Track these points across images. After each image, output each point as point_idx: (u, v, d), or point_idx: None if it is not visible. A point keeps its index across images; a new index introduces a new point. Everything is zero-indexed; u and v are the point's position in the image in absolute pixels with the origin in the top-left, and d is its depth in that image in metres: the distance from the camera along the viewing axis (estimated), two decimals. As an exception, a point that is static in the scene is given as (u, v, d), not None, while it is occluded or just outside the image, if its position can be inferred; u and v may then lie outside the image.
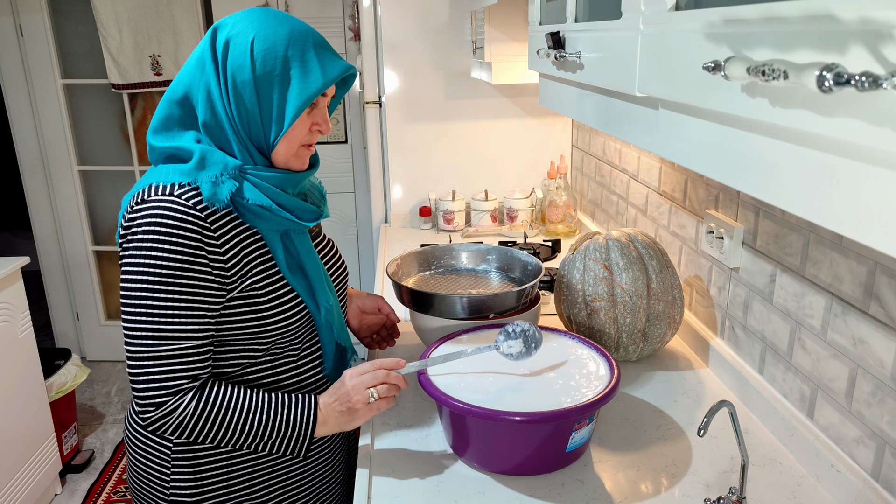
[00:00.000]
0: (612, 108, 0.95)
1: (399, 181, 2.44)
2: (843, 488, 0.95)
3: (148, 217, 0.94)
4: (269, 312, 1.02)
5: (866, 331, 0.92)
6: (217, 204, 0.95)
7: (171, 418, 0.95)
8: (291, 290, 1.04)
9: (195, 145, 0.98)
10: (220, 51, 0.96)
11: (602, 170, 2.06)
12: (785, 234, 1.11)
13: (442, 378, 1.07)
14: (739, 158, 0.60)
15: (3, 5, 3.05)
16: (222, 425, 0.97)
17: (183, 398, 0.95)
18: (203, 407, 0.96)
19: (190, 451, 1.04)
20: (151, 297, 0.93)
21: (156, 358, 0.94)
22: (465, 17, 2.29)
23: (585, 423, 1.01)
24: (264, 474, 1.08)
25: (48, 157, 3.26)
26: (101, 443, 2.84)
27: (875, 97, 0.40)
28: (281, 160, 1.02)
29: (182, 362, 0.95)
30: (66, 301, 3.49)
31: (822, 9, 0.44)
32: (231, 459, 1.06)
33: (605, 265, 1.30)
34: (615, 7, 0.86)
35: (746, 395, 1.21)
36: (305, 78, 0.96)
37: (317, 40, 0.99)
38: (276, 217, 1.00)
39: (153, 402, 0.94)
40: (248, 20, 0.98)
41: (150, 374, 0.94)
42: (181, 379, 0.95)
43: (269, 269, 1.02)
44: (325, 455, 1.16)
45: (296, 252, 1.05)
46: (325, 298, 1.08)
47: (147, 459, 1.07)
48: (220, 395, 0.97)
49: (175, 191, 0.95)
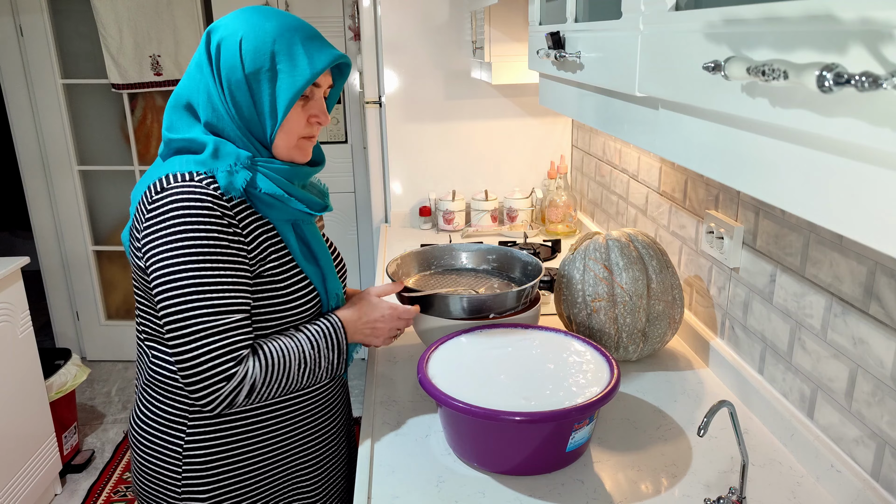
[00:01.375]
0: (612, 108, 0.95)
1: (399, 181, 2.44)
2: (843, 488, 0.95)
3: (174, 202, 0.95)
4: (285, 299, 1.05)
5: (866, 331, 0.92)
6: (233, 192, 0.98)
7: (243, 385, 0.97)
8: (305, 277, 1.07)
9: (208, 136, 1.00)
10: (213, 53, 1.00)
11: (602, 170, 2.06)
12: (785, 234, 1.11)
13: (442, 378, 1.07)
14: (739, 158, 0.60)
15: (3, 5, 3.05)
16: (284, 374, 1.01)
17: (247, 364, 0.98)
18: (266, 366, 0.99)
19: (202, 447, 1.06)
20: (196, 275, 0.94)
21: (216, 333, 0.95)
22: (465, 17, 2.29)
23: (585, 424, 1.00)
24: (275, 466, 1.11)
25: (48, 157, 3.26)
26: (102, 443, 2.84)
27: (875, 97, 0.40)
28: (282, 153, 1.05)
29: (240, 332, 0.97)
30: (66, 301, 3.49)
31: (822, 9, 0.44)
32: (241, 454, 1.08)
33: (605, 265, 1.30)
34: (615, 7, 0.86)
35: (746, 395, 1.21)
36: (293, 71, 0.99)
37: (305, 33, 1.01)
38: (288, 207, 1.03)
39: (223, 376, 0.95)
40: (238, 20, 1.01)
41: (213, 350, 0.95)
42: (241, 349, 0.97)
43: (284, 258, 1.05)
44: (330, 446, 1.19)
45: (306, 241, 1.09)
46: (336, 287, 1.13)
47: (157, 458, 1.07)
48: (272, 351, 1.01)
49: (194, 178, 0.98)
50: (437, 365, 1.11)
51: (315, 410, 1.15)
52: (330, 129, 3.23)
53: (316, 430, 1.16)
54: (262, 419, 1.08)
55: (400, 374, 1.35)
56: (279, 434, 1.11)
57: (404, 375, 1.34)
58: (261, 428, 1.09)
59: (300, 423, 1.13)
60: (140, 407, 1.11)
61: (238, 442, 1.07)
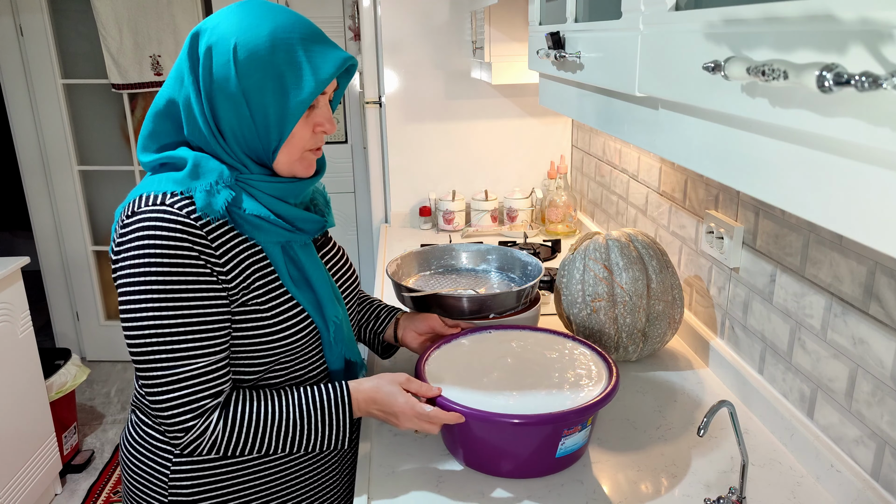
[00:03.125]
0: (612, 108, 0.95)
1: (399, 181, 2.44)
2: (843, 488, 0.95)
3: (138, 230, 0.88)
4: (273, 329, 0.96)
5: (866, 331, 0.92)
6: (212, 214, 0.90)
7: (203, 440, 0.91)
8: (297, 304, 0.98)
9: (189, 152, 0.93)
10: (202, 60, 0.89)
11: (602, 170, 2.06)
12: (785, 234, 1.11)
13: (440, 378, 1.07)
14: (739, 158, 0.60)
15: (3, 5, 3.05)
16: (257, 437, 0.93)
17: (210, 417, 0.91)
18: (233, 423, 0.92)
19: (188, 474, 0.99)
20: (156, 317, 0.87)
21: (175, 382, 0.89)
22: (465, 17, 2.29)
23: (577, 430, 0.99)
24: (263, 496, 1.03)
25: (48, 157, 3.26)
26: (101, 443, 2.84)
27: (875, 97, 0.40)
28: (284, 169, 0.97)
29: (203, 382, 0.90)
30: (66, 301, 3.49)
31: (822, 9, 0.44)
32: (229, 481, 1.01)
33: (605, 265, 1.30)
34: (615, 7, 0.85)
35: (746, 395, 1.21)
36: (298, 82, 0.90)
37: (305, 34, 0.91)
38: (276, 228, 0.95)
39: (181, 427, 0.90)
40: (229, 21, 0.90)
41: (171, 399, 0.89)
42: (205, 399, 0.90)
43: (272, 283, 0.96)
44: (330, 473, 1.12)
45: (300, 264, 0.99)
46: (335, 313, 1.02)
47: (143, 483, 1.02)
48: (247, 408, 0.93)
49: (167, 200, 0.90)
50: (436, 365, 1.11)
51: (317, 462, 1.08)
52: (330, 129, 3.22)
53: (316, 477, 1.09)
54: (253, 460, 1.01)
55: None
56: (273, 478, 1.03)
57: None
58: (252, 469, 1.01)
59: (298, 469, 1.06)
60: (130, 427, 1.05)
61: (226, 479, 1.01)
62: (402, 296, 1.34)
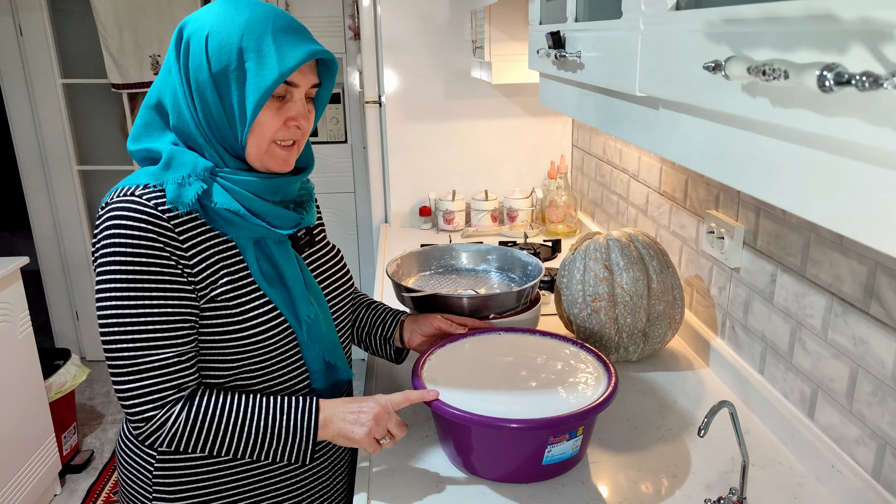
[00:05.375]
0: (612, 108, 0.95)
1: (399, 181, 2.44)
2: (843, 488, 0.95)
3: (106, 221, 0.90)
4: (242, 325, 0.95)
5: (867, 331, 0.92)
6: (181, 207, 0.90)
7: (163, 431, 0.91)
8: (268, 301, 0.97)
9: (165, 146, 0.94)
10: (182, 51, 0.92)
11: (602, 170, 2.06)
12: (785, 233, 1.10)
13: (437, 380, 1.06)
14: (740, 158, 0.60)
15: (3, 5, 3.05)
16: (217, 435, 0.93)
17: (171, 410, 0.91)
18: (195, 417, 0.92)
19: (172, 470, 1.00)
20: (121, 307, 0.88)
21: (137, 372, 0.89)
22: (465, 17, 2.29)
23: (565, 438, 0.96)
24: (246, 496, 1.03)
25: (48, 157, 3.26)
26: (101, 443, 2.84)
27: (875, 97, 0.40)
28: (255, 161, 0.96)
29: (165, 373, 0.90)
30: (66, 301, 3.49)
31: (822, 9, 0.44)
32: (213, 480, 1.01)
33: (605, 265, 1.30)
34: (615, 7, 0.85)
35: (747, 395, 1.21)
36: (261, 70, 0.89)
37: (279, 25, 0.91)
38: (247, 224, 0.94)
39: (142, 417, 0.91)
40: (208, 14, 0.92)
41: (133, 388, 0.90)
42: (166, 391, 0.91)
43: (243, 280, 0.95)
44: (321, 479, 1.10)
45: (274, 261, 0.98)
46: (307, 311, 1.00)
47: (132, 475, 1.04)
48: (211, 404, 0.93)
49: (137, 192, 0.91)
50: (434, 366, 1.11)
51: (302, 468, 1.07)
52: (330, 129, 3.23)
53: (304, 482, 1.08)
54: (234, 458, 1.00)
55: (400, 375, 1.35)
56: (256, 479, 1.03)
57: (405, 375, 1.34)
58: (234, 469, 1.01)
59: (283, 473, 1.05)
60: (124, 423, 1.07)
61: (208, 477, 1.01)
62: (402, 296, 1.34)
